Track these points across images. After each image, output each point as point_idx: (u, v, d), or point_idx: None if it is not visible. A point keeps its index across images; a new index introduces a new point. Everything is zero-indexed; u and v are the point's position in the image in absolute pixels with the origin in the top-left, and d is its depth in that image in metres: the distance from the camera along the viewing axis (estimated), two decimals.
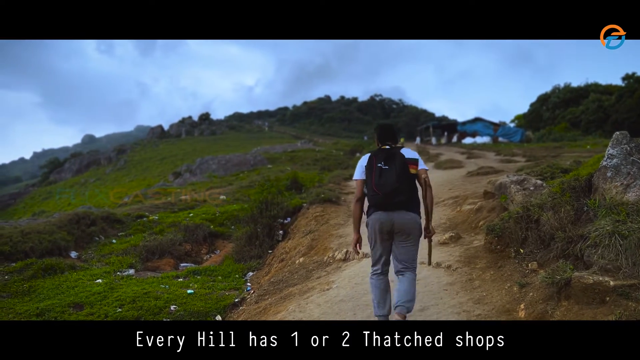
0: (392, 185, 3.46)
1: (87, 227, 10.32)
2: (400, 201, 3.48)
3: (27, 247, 8.43)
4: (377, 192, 3.50)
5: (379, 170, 3.54)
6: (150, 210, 12.98)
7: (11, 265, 7.73)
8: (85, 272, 7.63)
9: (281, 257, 7.59)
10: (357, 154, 32.28)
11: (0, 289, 6.73)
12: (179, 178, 34.65)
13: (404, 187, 3.48)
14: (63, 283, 6.93)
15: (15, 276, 7.23)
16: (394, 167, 3.52)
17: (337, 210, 8.83)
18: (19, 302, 6.22)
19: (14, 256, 8.20)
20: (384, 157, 3.60)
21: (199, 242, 10.25)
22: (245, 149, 48.06)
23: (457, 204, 7.59)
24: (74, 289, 6.62)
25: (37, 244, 8.58)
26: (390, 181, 3.48)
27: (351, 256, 5.63)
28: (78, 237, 9.85)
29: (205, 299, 6.08)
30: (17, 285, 6.87)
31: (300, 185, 15.00)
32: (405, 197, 3.49)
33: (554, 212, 3.93)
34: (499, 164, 14.90)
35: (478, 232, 5.64)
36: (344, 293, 4.36)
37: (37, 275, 7.31)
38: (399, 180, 3.47)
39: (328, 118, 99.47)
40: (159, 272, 8.25)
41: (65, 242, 9.17)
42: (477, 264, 4.52)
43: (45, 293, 6.54)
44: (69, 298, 6.19)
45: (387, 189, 3.46)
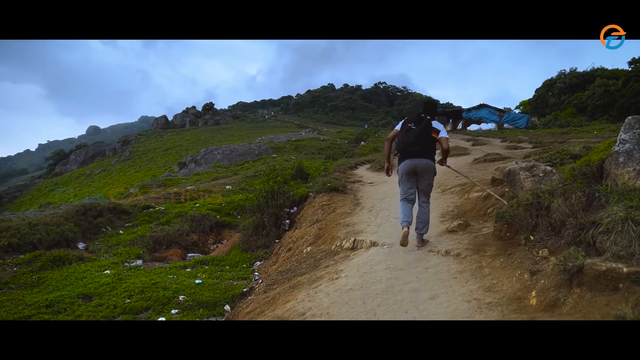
0: (411, 139, 5.07)
1: (94, 218, 10.36)
2: (416, 150, 5.08)
3: (35, 239, 8.48)
4: (401, 142, 5.15)
5: (407, 129, 5.16)
6: (156, 201, 13.01)
7: (20, 257, 7.78)
8: (93, 263, 7.67)
9: (288, 247, 7.58)
10: (362, 143, 32.17)
11: (10, 280, 6.78)
12: (184, 168, 34.73)
13: (419, 142, 5.06)
14: (71, 274, 6.97)
15: (24, 268, 7.28)
16: (417, 129, 5.10)
17: (343, 199, 8.79)
18: (28, 294, 6.26)
19: (22, 248, 8.25)
20: (415, 121, 5.20)
21: (206, 232, 10.28)
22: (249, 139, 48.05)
23: (464, 191, 7.54)
24: (83, 280, 6.66)
25: (44, 236, 8.62)
26: (411, 136, 5.09)
27: (359, 245, 5.62)
28: (85, 229, 9.89)
29: (213, 288, 6.10)
30: (26, 277, 6.92)
31: (306, 175, 14.97)
32: (419, 148, 5.07)
33: (564, 198, 3.88)
34: (505, 150, 14.80)
35: (487, 219, 5.59)
36: (353, 282, 4.34)
37: (46, 266, 7.36)
38: (417, 137, 5.06)
39: (332, 106, 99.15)
40: (167, 262, 8.28)
41: (73, 233, 9.21)
42: (486, 251, 4.48)
43: (54, 284, 6.58)
44: (78, 289, 6.22)
45: (408, 141, 5.09)
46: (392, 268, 4.52)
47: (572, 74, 45.44)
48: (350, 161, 17.12)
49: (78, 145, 77.21)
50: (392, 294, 3.88)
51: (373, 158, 14.24)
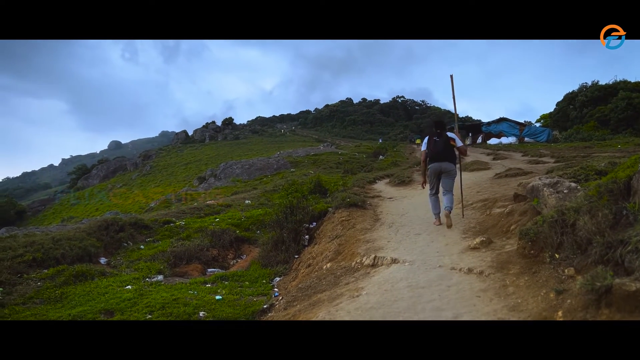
0: (439, 148, 7.11)
1: (115, 233, 10.49)
2: (442, 156, 7.10)
3: (58, 254, 8.60)
4: (432, 151, 7.17)
5: (434, 142, 7.16)
6: (177, 216, 13.12)
7: (43, 272, 7.89)
8: (115, 278, 7.74)
9: (308, 263, 7.56)
10: (380, 157, 32.11)
11: (34, 295, 6.87)
12: (203, 183, 35.06)
13: (445, 150, 7.11)
14: (94, 289, 7.04)
15: (47, 282, 7.38)
16: (441, 140, 7.12)
17: (363, 214, 8.75)
18: (51, 309, 6.33)
19: (46, 263, 8.36)
20: (436, 135, 7.19)
21: (226, 247, 10.32)
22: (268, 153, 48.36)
23: (486, 207, 7.45)
24: (105, 295, 6.71)
25: (67, 251, 8.75)
26: (439, 146, 7.12)
27: (379, 262, 5.57)
28: (107, 243, 10.01)
29: (233, 305, 6.09)
30: (50, 292, 7.01)
31: (324, 189, 14.97)
32: (445, 154, 7.10)
33: (591, 216, 3.80)
34: (527, 165, 14.61)
35: (510, 236, 5.51)
36: (374, 300, 4.30)
37: (69, 281, 7.45)
38: (443, 146, 7.11)
39: (350, 121, 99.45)
40: (187, 277, 8.32)
41: (95, 248, 9.33)
42: (510, 269, 4.40)
43: (76, 299, 6.65)
44: (100, 304, 6.27)
45: (436, 150, 7.13)
46: (413, 286, 4.46)
47: (594, 86, 44.78)
48: (369, 176, 17.08)
49: (100, 160, 78.72)
50: (414, 312, 3.83)
51: (392, 172, 14.19)
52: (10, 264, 7.91)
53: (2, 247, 8.54)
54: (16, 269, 7.85)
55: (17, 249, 8.50)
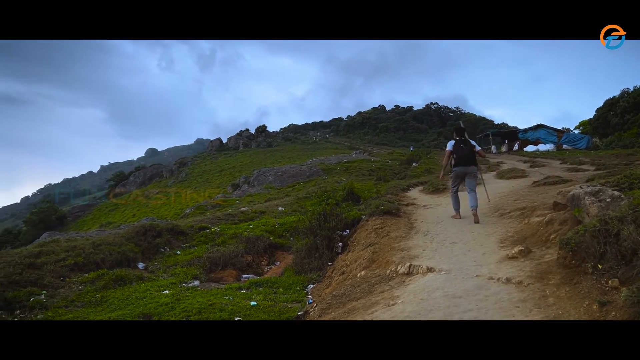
0: (465, 153, 8.43)
1: (152, 239, 10.71)
2: (469, 161, 8.41)
3: (98, 259, 8.84)
4: (459, 156, 8.46)
5: (460, 147, 8.47)
6: (212, 222, 13.33)
7: (84, 276, 8.13)
8: (152, 283, 7.90)
9: (341, 270, 7.55)
10: (413, 164, 31.82)
11: (75, 298, 7.09)
12: (237, 190, 35.50)
13: (470, 156, 8.43)
14: (132, 294, 7.20)
15: (88, 286, 7.60)
16: (466, 146, 8.48)
17: (397, 222, 8.69)
18: (92, 312, 6.51)
19: (87, 267, 8.61)
20: (462, 142, 8.53)
21: (260, 253, 10.40)
22: (300, 160, 48.62)
23: (524, 215, 7.29)
24: (143, 299, 6.85)
25: (107, 256, 8.99)
26: (466, 151, 8.44)
27: (415, 270, 5.53)
28: (145, 249, 10.23)
29: (268, 311, 6.13)
30: (91, 295, 7.21)
31: (357, 197, 14.93)
32: (471, 160, 8.42)
33: (636, 225, 3.69)
34: (565, 172, 14.23)
35: (549, 246, 5.37)
36: (410, 309, 4.26)
37: (108, 285, 7.65)
38: (469, 152, 8.42)
39: (383, 128, 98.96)
40: (222, 283, 8.42)
41: (133, 253, 9.55)
42: (550, 279, 4.29)
43: (116, 303, 6.81)
44: (138, 309, 6.40)
45: (462, 154, 8.44)
46: (450, 295, 4.40)
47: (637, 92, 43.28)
48: (403, 183, 16.94)
49: (137, 167, 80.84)
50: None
51: (426, 180, 14.03)
52: (53, 267, 8.19)
53: (46, 252, 8.85)
54: (59, 272, 8.12)
55: (60, 254, 8.79)
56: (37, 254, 8.69)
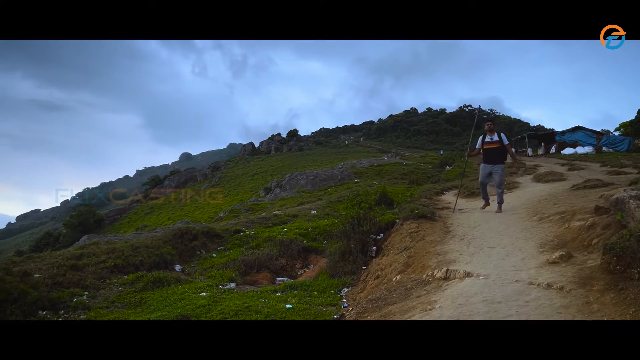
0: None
1: (189, 241, 10.93)
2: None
3: (137, 261, 9.07)
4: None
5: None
6: (246, 225, 13.49)
7: (124, 278, 8.36)
8: (189, 285, 8.04)
9: (376, 274, 7.51)
10: (447, 167, 31.43)
11: (116, 299, 7.29)
12: (269, 193, 35.77)
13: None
14: (170, 295, 7.35)
15: (128, 288, 7.81)
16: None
17: (432, 226, 8.59)
18: (132, 313, 6.68)
19: (126, 269, 8.85)
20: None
21: (294, 256, 10.46)
22: (332, 164, 48.65)
23: (564, 220, 7.09)
24: (181, 301, 6.98)
25: (145, 258, 9.21)
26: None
27: (452, 275, 5.45)
28: (181, 251, 10.45)
29: (303, 314, 6.15)
30: (130, 297, 7.40)
31: (390, 200, 14.83)
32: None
33: None
34: (606, 176, 13.79)
35: (592, 250, 5.22)
36: (448, 314, 4.20)
37: (147, 287, 7.83)
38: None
39: (414, 131, 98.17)
40: (257, 285, 8.50)
41: (171, 256, 9.75)
42: (593, 285, 4.16)
43: (155, 305, 6.96)
44: (177, 310, 6.52)
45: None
46: (489, 301, 4.32)
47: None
48: (436, 187, 16.75)
49: (172, 171, 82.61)
50: None
51: (461, 183, 13.81)
52: (94, 269, 8.45)
53: (87, 254, 9.14)
54: (99, 274, 8.38)
55: (100, 256, 9.07)
56: (79, 256, 8.99)
